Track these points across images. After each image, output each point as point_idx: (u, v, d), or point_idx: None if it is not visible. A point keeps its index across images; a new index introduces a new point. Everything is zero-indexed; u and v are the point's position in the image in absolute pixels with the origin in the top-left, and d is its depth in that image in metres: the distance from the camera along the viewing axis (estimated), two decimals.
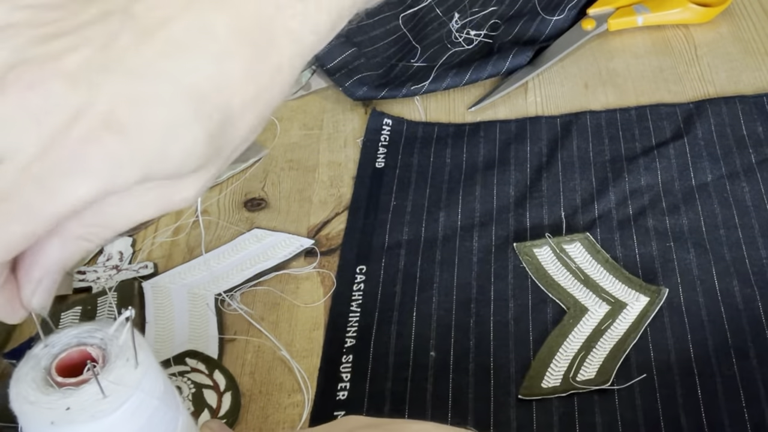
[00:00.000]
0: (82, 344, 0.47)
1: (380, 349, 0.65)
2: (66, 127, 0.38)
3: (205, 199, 0.79)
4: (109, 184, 0.39)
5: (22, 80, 0.38)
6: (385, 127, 0.84)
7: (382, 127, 0.84)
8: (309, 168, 0.82)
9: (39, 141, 0.38)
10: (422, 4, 0.97)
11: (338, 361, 0.64)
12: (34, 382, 0.45)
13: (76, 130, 0.38)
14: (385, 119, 0.85)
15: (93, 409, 0.44)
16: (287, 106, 0.90)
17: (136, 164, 0.39)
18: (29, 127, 0.38)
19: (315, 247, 0.74)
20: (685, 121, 0.80)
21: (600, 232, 0.70)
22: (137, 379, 0.45)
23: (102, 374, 0.45)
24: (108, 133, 0.38)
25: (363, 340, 0.66)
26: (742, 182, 0.74)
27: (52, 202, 0.39)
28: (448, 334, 0.65)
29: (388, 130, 0.84)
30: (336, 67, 0.89)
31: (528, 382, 0.60)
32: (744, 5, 0.95)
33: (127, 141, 0.39)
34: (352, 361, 0.64)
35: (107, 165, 0.38)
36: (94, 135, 0.38)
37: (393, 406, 0.61)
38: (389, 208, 0.76)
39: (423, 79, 0.88)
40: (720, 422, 0.58)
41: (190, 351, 0.66)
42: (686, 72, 0.88)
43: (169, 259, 0.75)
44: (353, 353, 0.65)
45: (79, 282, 0.72)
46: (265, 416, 0.62)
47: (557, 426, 0.59)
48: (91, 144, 0.38)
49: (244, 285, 0.71)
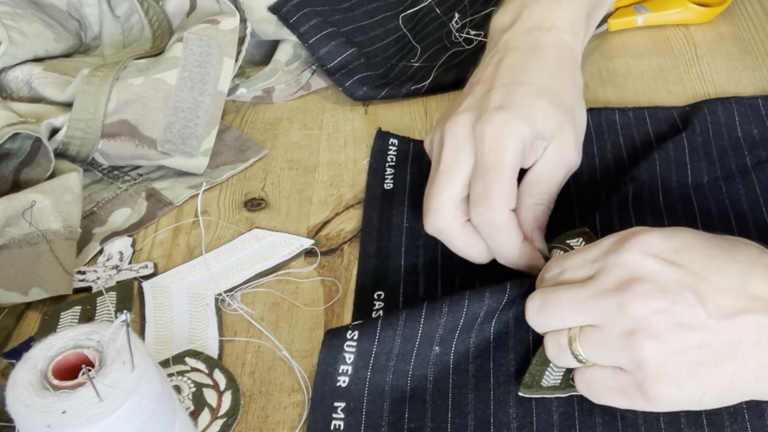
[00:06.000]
0: (79, 347, 0.47)
1: (381, 349, 0.64)
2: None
3: (205, 199, 0.80)
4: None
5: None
6: (392, 147, 0.83)
7: (389, 147, 0.83)
8: (309, 168, 0.82)
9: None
10: (422, 4, 0.97)
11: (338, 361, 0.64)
12: (31, 385, 0.45)
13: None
14: (390, 139, 0.84)
15: (89, 413, 0.44)
16: (287, 106, 0.90)
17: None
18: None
19: (315, 247, 0.74)
20: (683, 122, 0.80)
21: (599, 232, 0.70)
22: (134, 383, 0.46)
23: (98, 377, 0.45)
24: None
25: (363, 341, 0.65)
26: (737, 184, 0.73)
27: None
28: (451, 335, 0.65)
29: (395, 150, 0.83)
30: (336, 67, 0.89)
31: (528, 381, 0.60)
32: (744, 5, 0.95)
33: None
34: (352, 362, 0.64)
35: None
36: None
37: (393, 406, 0.61)
38: (402, 230, 0.75)
39: (423, 79, 0.88)
40: (720, 422, 0.58)
41: (190, 351, 0.66)
42: (686, 72, 0.88)
43: (169, 259, 0.75)
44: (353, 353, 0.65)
45: (79, 282, 0.72)
46: (265, 416, 0.62)
47: (557, 426, 0.59)
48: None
49: (244, 285, 0.71)
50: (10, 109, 0.77)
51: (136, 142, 0.79)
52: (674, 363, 0.52)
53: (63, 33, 0.90)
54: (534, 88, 0.68)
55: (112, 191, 0.81)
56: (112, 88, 0.78)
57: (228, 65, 0.82)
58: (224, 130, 0.86)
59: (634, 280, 0.53)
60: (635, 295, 0.52)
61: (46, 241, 0.70)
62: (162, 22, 0.90)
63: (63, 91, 0.80)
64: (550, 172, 0.68)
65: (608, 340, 0.53)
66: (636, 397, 0.54)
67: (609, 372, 0.55)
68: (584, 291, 0.55)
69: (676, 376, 0.52)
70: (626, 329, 0.52)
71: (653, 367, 0.52)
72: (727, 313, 0.51)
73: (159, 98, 0.79)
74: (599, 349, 0.54)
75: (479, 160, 0.65)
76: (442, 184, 0.67)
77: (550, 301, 0.56)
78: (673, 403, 0.54)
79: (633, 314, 0.52)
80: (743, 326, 0.51)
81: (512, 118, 0.65)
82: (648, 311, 0.52)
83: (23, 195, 0.72)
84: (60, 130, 0.78)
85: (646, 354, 0.52)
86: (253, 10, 0.90)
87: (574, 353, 0.55)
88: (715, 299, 0.52)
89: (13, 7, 0.87)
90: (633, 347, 0.52)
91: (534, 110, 0.66)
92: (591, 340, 0.54)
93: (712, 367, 0.52)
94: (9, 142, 0.76)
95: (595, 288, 0.54)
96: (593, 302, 0.54)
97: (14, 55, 0.84)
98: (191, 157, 0.80)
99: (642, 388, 0.53)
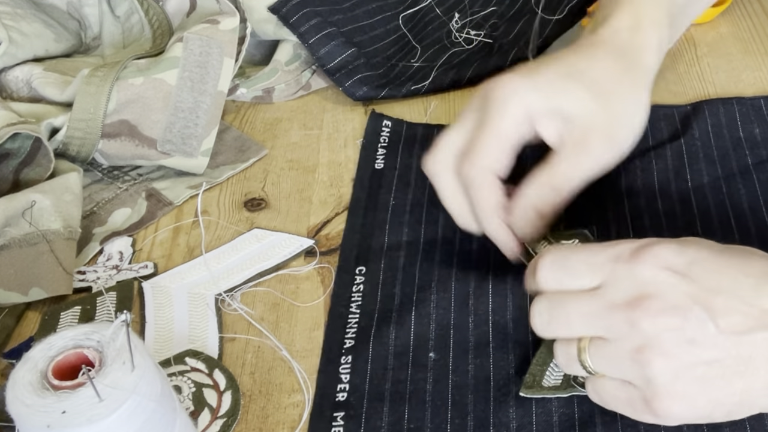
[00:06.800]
0: (79, 347, 0.47)
1: (380, 350, 0.65)
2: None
3: (205, 199, 0.80)
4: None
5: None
6: (385, 128, 0.84)
7: (382, 128, 0.84)
8: (309, 168, 0.82)
9: None
10: (422, 4, 0.97)
11: (337, 361, 0.65)
12: (31, 385, 0.45)
13: None
14: (384, 121, 0.85)
15: (89, 413, 0.44)
16: (287, 106, 0.90)
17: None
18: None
19: (315, 247, 0.74)
20: (683, 123, 0.80)
21: (597, 232, 0.70)
22: (134, 383, 0.46)
23: (98, 377, 0.45)
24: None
25: (362, 341, 0.66)
26: (738, 184, 0.73)
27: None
28: (447, 335, 0.65)
29: (388, 132, 0.84)
30: (336, 67, 0.89)
31: (528, 381, 0.60)
32: (744, 5, 0.95)
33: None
34: (352, 362, 0.64)
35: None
36: None
37: (393, 406, 0.61)
38: (388, 208, 0.76)
39: (423, 79, 0.88)
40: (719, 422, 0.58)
41: (190, 351, 0.66)
42: (686, 72, 0.88)
43: (169, 259, 0.75)
44: (353, 354, 0.65)
45: (79, 282, 0.72)
46: (265, 416, 0.62)
47: (557, 426, 0.59)
48: None
49: (244, 285, 0.71)
50: (10, 109, 0.77)
51: (136, 142, 0.79)
52: (683, 380, 0.51)
53: (63, 33, 0.90)
54: (568, 69, 0.67)
55: (112, 191, 0.81)
56: (112, 88, 0.78)
57: (228, 65, 0.82)
58: (224, 130, 0.86)
59: (646, 296, 0.52)
60: (646, 312, 0.52)
61: (46, 241, 0.70)
62: (162, 22, 0.90)
63: (63, 91, 0.81)
64: (568, 159, 0.66)
65: (618, 354, 0.53)
66: (644, 412, 0.53)
67: (619, 384, 0.54)
68: (594, 302, 0.54)
69: (685, 393, 0.52)
70: (636, 345, 0.52)
71: (662, 384, 0.52)
72: (737, 330, 0.51)
73: (159, 98, 0.79)
74: (608, 362, 0.54)
75: (480, 118, 0.66)
76: (447, 131, 0.68)
77: (557, 312, 0.55)
78: (682, 420, 0.53)
79: (644, 331, 0.52)
80: (754, 342, 0.51)
81: (522, 84, 0.65)
82: (659, 329, 0.51)
83: (23, 195, 0.72)
84: (60, 130, 0.78)
85: (655, 371, 0.51)
86: (253, 10, 0.90)
87: (583, 364, 0.55)
88: (726, 316, 0.51)
89: (13, 7, 0.87)
90: (642, 363, 0.52)
91: (556, 86, 0.66)
92: (600, 354, 0.54)
93: (722, 384, 0.51)
94: (9, 142, 0.76)
95: (606, 301, 0.54)
96: (604, 316, 0.53)
97: (14, 55, 0.84)
98: (191, 157, 0.80)
99: (650, 404, 0.52)
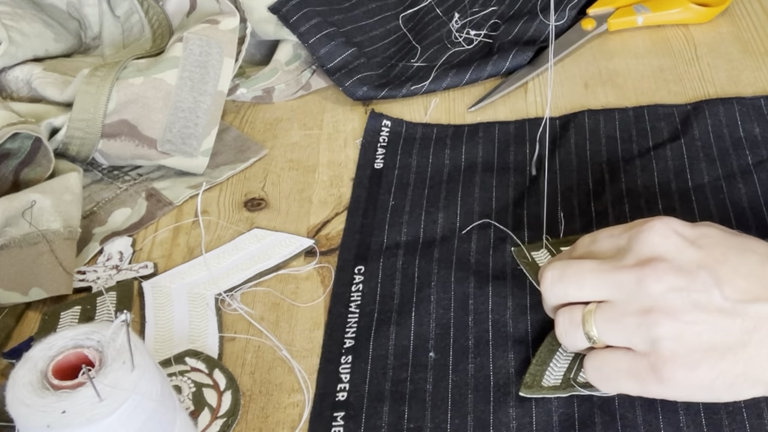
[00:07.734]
0: (79, 347, 0.47)
1: (379, 350, 0.65)
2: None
3: (205, 199, 0.80)
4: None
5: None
6: (384, 128, 0.84)
7: (381, 128, 0.84)
8: (309, 168, 0.82)
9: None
10: (422, 4, 0.97)
11: (337, 361, 0.65)
12: (31, 385, 0.45)
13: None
14: (384, 120, 0.85)
15: (89, 413, 0.44)
16: (287, 106, 0.90)
17: None
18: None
19: (315, 247, 0.74)
20: (683, 122, 0.80)
21: None
22: (134, 382, 0.46)
23: (98, 377, 0.45)
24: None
25: (362, 341, 0.66)
26: (738, 184, 0.73)
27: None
28: (447, 334, 0.65)
29: (387, 131, 0.84)
30: (336, 67, 0.89)
31: (528, 381, 0.60)
32: (744, 5, 0.95)
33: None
34: (351, 362, 0.64)
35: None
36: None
37: (393, 406, 0.61)
38: (387, 208, 0.76)
39: (423, 79, 0.88)
40: (719, 422, 0.58)
41: (190, 351, 0.66)
42: (686, 72, 0.88)
43: (169, 259, 0.75)
44: (352, 354, 0.65)
45: (79, 282, 0.72)
46: (265, 416, 0.62)
47: (557, 426, 0.59)
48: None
49: (244, 285, 0.71)
50: (10, 109, 0.77)
51: (136, 142, 0.79)
52: (688, 344, 0.52)
53: (63, 33, 0.90)
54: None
55: (112, 191, 0.81)
56: (112, 88, 0.78)
57: (228, 65, 0.82)
58: (224, 130, 0.86)
59: (655, 258, 0.54)
60: (654, 270, 0.53)
61: (46, 241, 0.70)
62: (162, 22, 0.90)
63: (63, 91, 0.81)
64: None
65: (624, 316, 0.54)
66: (648, 381, 0.54)
67: (622, 354, 0.55)
68: (606, 263, 0.56)
69: (689, 357, 0.52)
70: (642, 306, 0.53)
71: (667, 347, 0.53)
72: (743, 299, 0.52)
73: (159, 98, 0.79)
74: (614, 326, 0.55)
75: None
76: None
77: (572, 271, 0.57)
78: (685, 387, 0.54)
79: (650, 290, 0.53)
80: (758, 313, 0.52)
81: None
82: (664, 288, 0.53)
83: (23, 195, 0.72)
84: (60, 130, 0.78)
85: (660, 332, 0.52)
86: (253, 10, 0.90)
87: (587, 331, 0.56)
88: (732, 284, 0.53)
89: (13, 7, 0.87)
90: (648, 325, 0.53)
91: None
92: (606, 317, 0.55)
93: (725, 352, 0.52)
94: (9, 142, 0.76)
95: (618, 262, 0.55)
96: (614, 275, 0.55)
97: (14, 55, 0.84)
98: (191, 157, 0.80)
99: (655, 369, 0.53)
